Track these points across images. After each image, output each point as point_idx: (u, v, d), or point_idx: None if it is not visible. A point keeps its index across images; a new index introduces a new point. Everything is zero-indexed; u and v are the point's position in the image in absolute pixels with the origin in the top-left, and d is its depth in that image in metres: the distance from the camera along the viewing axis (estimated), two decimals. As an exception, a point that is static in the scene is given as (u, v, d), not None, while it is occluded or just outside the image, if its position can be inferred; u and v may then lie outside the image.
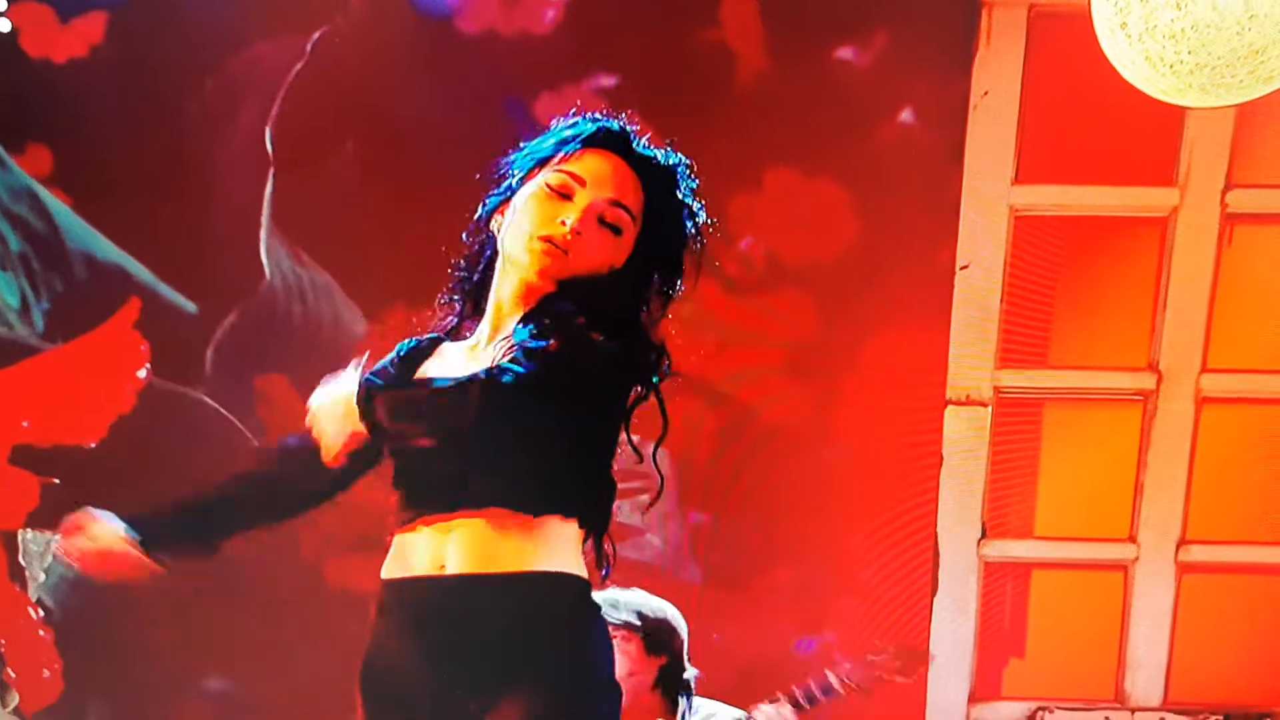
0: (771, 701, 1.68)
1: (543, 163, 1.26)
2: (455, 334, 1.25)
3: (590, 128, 1.27)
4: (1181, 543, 1.89)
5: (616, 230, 1.25)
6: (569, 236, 1.21)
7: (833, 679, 1.70)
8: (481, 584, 1.13)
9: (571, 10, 1.54)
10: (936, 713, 1.94)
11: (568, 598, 1.13)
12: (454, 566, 1.16)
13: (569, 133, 1.28)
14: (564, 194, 1.26)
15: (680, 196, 1.30)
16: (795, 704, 1.68)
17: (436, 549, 1.16)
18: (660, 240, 1.30)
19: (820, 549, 1.86)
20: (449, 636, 1.14)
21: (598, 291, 1.24)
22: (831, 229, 1.70)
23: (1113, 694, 1.96)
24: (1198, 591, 1.93)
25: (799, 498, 1.84)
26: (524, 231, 1.25)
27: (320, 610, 1.87)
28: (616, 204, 1.25)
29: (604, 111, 1.21)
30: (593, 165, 1.27)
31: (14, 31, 1.48)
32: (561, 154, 1.28)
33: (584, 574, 1.15)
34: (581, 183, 1.24)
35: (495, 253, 1.27)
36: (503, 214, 1.25)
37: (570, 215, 1.22)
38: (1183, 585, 1.92)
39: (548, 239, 1.22)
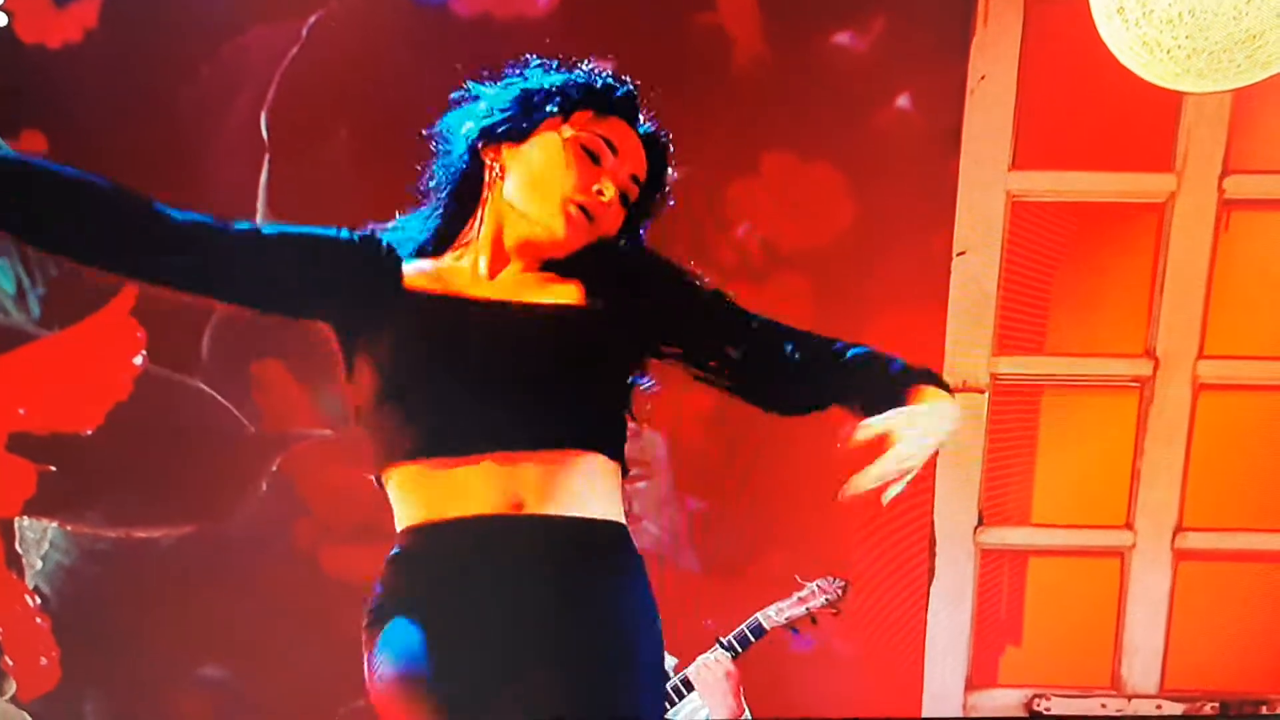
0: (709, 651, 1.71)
1: (566, 110, 1.23)
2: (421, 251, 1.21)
3: (618, 90, 1.25)
4: (1178, 530, 1.90)
5: (626, 201, 1.25)
6: (601, 205, 1.21)
7: (762, 620, 1.73)
8: (566, 526, 1.11)
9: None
10: (933, 700, 1.94)
11: (630, 545, 1.13)
12: (535, 506, 1.13)
13: (601, 85, 1.25)
14: (595, 156, 1.24)
15: (664, 173, 1.29)
16: (729, 649, 1.72)
17: (510, 486, 1.14)
18: (643, 215, 1.29)
19: (817, 536, 1.86)
20: (520, 579, 1.11)
21: (610, 257, 1.23)
22: (828, 214, 1.70)
23: (1109, 681, 1.96)
24: (1194, 578, 1.93)
25: (796, 484, 1.84)
26: (557, 191, 1.23)
27: (317, 600, 1.88)
28: (634, 177, 1.25)
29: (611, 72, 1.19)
30: (620, 133, 1.26)
31: (8, 17, 1.47)
32: (591, 111, 1.26)
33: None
34: (615, 151, 1.23)
35: (481, 182, 1.24)
36: (500, 153, 1.21)
37: (607, 186, 1.21)
38: (1179, 572, 1.92)
39: (583, 205, 1.21)
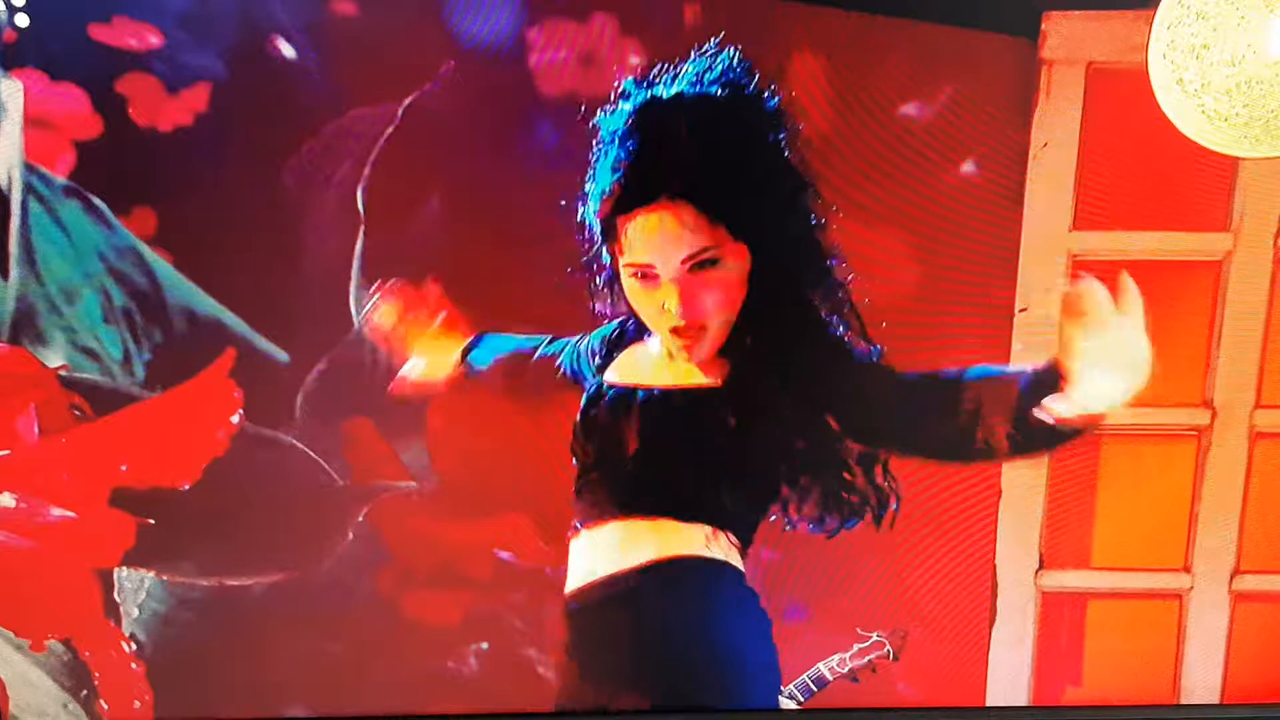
0: None
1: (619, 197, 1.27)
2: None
3: (610, 182, 1.26)
4: (1235, 573, 1.94)
5: (714, 262, 1.25)
6: (689, 321, 1.23)
7: (824, 670, 1.77)
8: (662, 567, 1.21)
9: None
10: (994, 738, 1.98)
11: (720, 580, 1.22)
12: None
13: (602, 193, 1.27)
14: (646, 275, 1.27)
15: (754, 111, 1.29)
16: (790, 697, 1.75)
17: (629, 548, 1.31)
18: (764, 217, 1.30)
19: (883, 580, 1.91)
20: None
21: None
22: (896, 275, 1.75)
23: (1167, 720, 2.00)
24: (1251, 620, 1.97)
25: (863, 530, 1.89)
26: (649, 322, 1.27)
27: (398, 642, 1.93)
28: (688, 257, 1.26)
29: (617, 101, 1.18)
30: (643, 235, 1.26)
31: (124, 102, 1.56)
32: (621, 207, 1.28)
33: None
34: (649, 267, 1.25)
35: (614, 274, 1.29)
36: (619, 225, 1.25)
37: (670, 300, 1.23)
38: (1236, 613, 1.96)
39: (674, 332, 1.25)
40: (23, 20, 1.61)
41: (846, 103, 1.66)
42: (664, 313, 1.21)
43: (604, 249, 1.29)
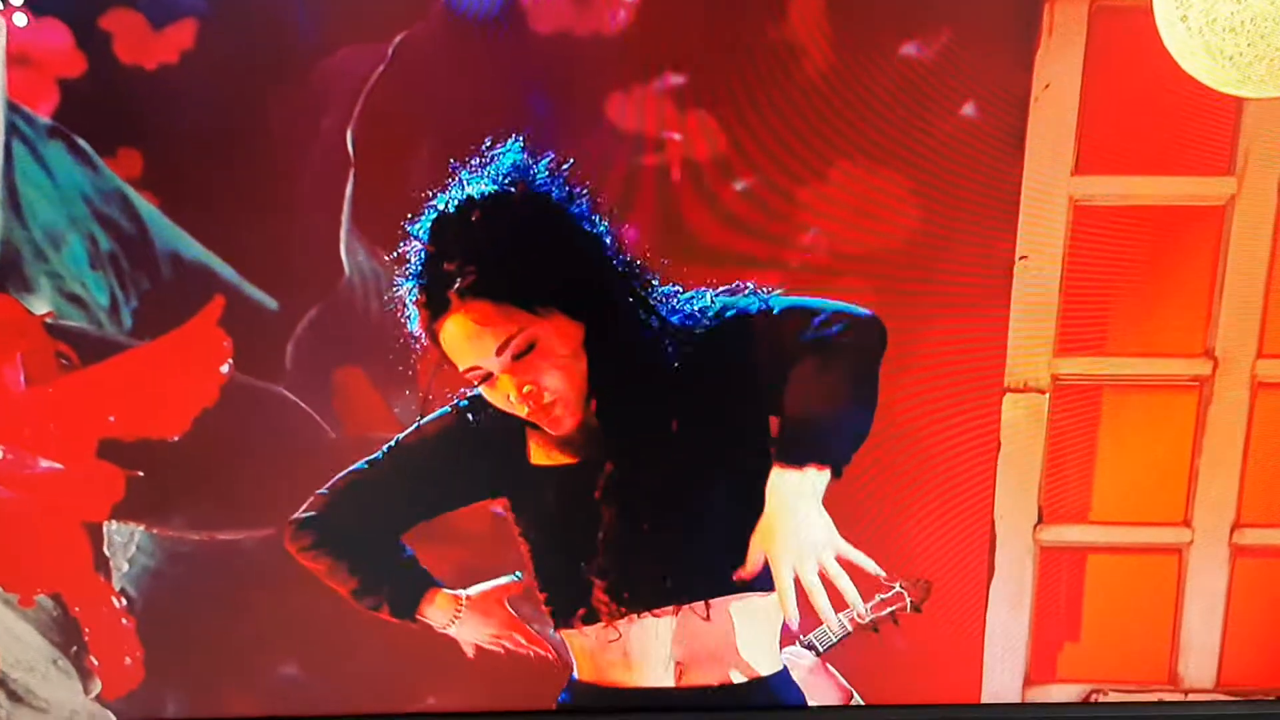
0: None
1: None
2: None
3: (414, 291, 1.31)
4: (1235, 526, 1.92)
5: (530, 346, 1.30)
6: (532, 404, 1.27)
7: (844, 620, 1.77)
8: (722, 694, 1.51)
9: (642, 11, 1.57)
10: (992, 695, 1.97)
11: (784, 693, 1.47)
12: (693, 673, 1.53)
13: (415, 315, 1.34)
14: (482, 377, 1.32)
15: (535, 195, 1.32)
16: (810, 647, 1.75)
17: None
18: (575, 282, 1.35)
19: (879, 533, 1.90)
20: None
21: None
22: (895, 219, 1.73)
23: (1166, 676, 1.98)
24: (1251, 575, 1.95)
25: (858, 484, 1.88)
26: (511, 413, 1.33)
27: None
28: (505, 349, 1.29)
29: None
30: (454, 341, 1.32)
31: (108, 39, 1.53)
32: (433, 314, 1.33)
33: None
34: (477, 369, 1.30)
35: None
36: None
37: (510, 392, 1.28)
38: (1236, 568, 1.94)
39: (529, 418, 1.29)
40: (21, 19, 1.58)
41: (847, 43, 1.63)
42: (511, 404, 1.30)
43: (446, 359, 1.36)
